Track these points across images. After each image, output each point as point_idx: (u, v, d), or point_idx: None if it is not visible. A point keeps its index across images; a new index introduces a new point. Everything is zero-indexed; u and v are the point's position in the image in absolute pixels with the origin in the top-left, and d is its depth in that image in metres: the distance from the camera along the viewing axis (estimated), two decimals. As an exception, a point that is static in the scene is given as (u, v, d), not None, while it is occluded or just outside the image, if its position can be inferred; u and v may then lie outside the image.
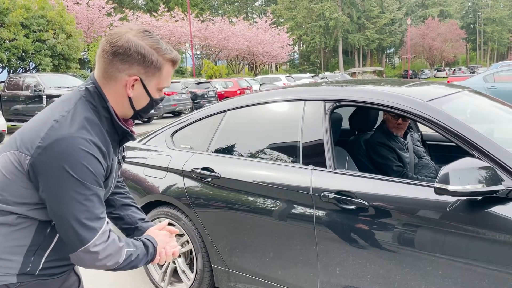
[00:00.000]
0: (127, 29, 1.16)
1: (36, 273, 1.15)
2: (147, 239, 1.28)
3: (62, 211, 1.07)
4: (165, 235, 1.35)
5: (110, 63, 1.14)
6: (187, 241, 2.67)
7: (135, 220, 1.45)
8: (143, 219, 1.48)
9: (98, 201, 1.11)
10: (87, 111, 1.13)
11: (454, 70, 44.47)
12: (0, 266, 1.10)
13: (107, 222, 1.15)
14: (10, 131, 12.82)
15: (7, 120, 12.24)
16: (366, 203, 1.94)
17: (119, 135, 1.23)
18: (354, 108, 2.92)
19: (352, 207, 1.97)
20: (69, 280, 1.28)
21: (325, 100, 2.23)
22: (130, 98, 1.18)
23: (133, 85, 1.17)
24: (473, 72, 32.83)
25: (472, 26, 74.97)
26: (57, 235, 1.17)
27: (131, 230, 1.44)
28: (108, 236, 1.14)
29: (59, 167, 1.04)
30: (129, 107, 1.21)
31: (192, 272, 2.69)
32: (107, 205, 1.42)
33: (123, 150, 1.39)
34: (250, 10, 72.81)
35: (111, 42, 1.13)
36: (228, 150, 2.54)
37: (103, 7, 26.89)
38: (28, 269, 1.13)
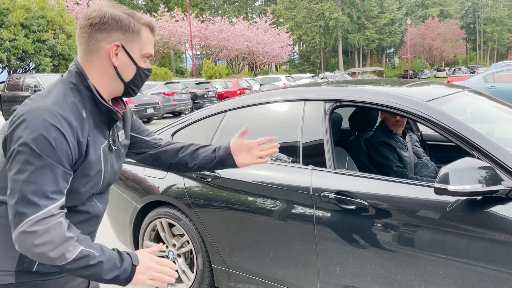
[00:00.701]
0: (100, 5, 1.19)
1: (34, 270, 1.11)
2: (127, 253, 1.13)
3: (13, 180, 1.01)
4: (154, 260, 1.16)
5: (89, 36, 1.14)
6: (187, 241, 2.67)
7: (210, 156, 1.50)
8: (214, 149, 1.52)
9: (51, 177, 1.02)
10: (64, 90, 1.12)
11: (454, 70, 44.47)
12: (2, 256, 1.07)
13: (60, 208, 1.04)
14: (10, 131, 12.81)
15: (7, 120, 12.23)
16: (366, 203, 1.94)
17: (105, 115, 1.19)
18: (354, 108, 2.92)
19: (352, 207, 1.98)
20: (72, 282, 1.21)
21: (325, 100, 2.24)
22: (116, 69, 1.16)
23: (116, 54, 1.16)
24: (473, 72, 32.84)
25: (472, 26, 75.01)
26: None
27: (217, 165, 1.50)
28: (54, 221, 1.01)
29: (18, 137, 1.01)
30: (118, 80, 1.18)
31: (193, 272, 2.69)
32: (187, 168, 1.49)
33: (127, 137, 1.36)
34: (250, 10, 72.85)
35: (86, 17, 1.16)
36: (228, 150, 2.54)
37: (103, 8, 26.89)
38: (25, 264, 1.09)
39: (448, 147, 3.29)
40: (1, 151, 1.09)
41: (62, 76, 1.19)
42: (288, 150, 2.30)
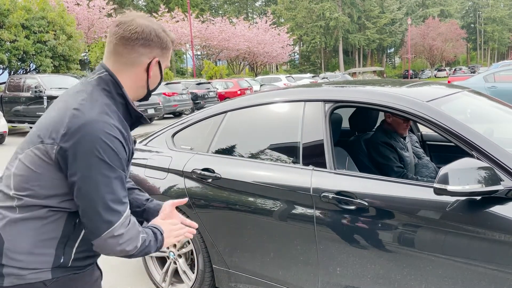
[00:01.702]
0: (135, 15, 1.23)
1: (69, 265, 1.16)
2: (155, 227, 1.28)
3: (90, 193, 1.08)
4: (169, 223, 1.34)
5: (132, 49, 1.20)
6: (188, 242, 2.67)
7: (141, 202, 1.48)
8: (148, 199, 1.51)
9: (121, 184, 1.13)
10: (104, 98, 1.17)
11: (455, 69, 44.40)
12: (34, 261, 1.11)
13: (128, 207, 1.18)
14: (11, 132, 12.85)
15: (8, 121, 12.26)
16: (366, 204, 1.94)
17: (132, 119, 1.27)
18: (354, 109, 2.93)
19: (352, 207, 1.98)
20: (95, 274, 1.30)
21: (325, 101, 2.24)
22: (148, 80, 1.25)
23: (152, 67, 1.25)
24: (474, 72, 32.79)
25: (472, 25, 74.94)
26: (80, 224, 1.18)
27: (139, 212, 1.47)
28: (129, 220, 1.16)
29: (87, 149, 1.07)
30: (144, 88, 1.27)
31: (193, 273, 2.70)
32: None
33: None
34: (251, 11, 72.83)
35: (130, 30, 1.19)
36: (228, 151, 2.55)
37: (103, 8, 26.94)
38: (62, 261, 1.15)
39: (448, 147, 3.29)
40: (43, 158, 1.10)
41: (88, 79, 1.21)
42: (288, 150, 2.31)
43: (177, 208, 2.67)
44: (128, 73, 1.22)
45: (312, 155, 2.20)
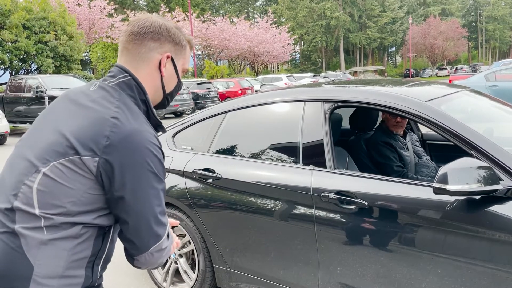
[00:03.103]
0: (148, 14, 1.20)
1: (96, 284, 1.10)
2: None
3: (141, 207, 1.03)
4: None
5: (141, 43, 1.14)
6: (189, 242, 2.68)
7: None
8: None
9: (164, 195, 1.09)
10: (134, 106, 1.10)
11: (456, 68, 44.35)
12: (65, 284, 1.02)
13: None
14: (13, 132, 12.88)
15: (10, 121, 12.28)
16: (366, 203, 1.95)
17: (153, 128, 1.20)
18: (354, 108, 2.93)
19: (352, 207, 1.99)
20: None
21: (325, 101, 2.25)
22: (162, 79, 1.19)
23: (165, 65, 1.18)
24: (475, 71, 32.77)
25: (473, 24, 74.78)
26: (109, 241, 1.11)
27: None
28: (170, 234, 1.13)
29: (135, 161, 1.01)
30: (160, 91, 1.20)
31: (194, 272, 2.71)
32: None
33: None
34: (251, 10, 72.81)
35: (139, 24, 1.15)
36: (229, 151, 2.56)
37: (104, 8, 26.97)
38: (91, 281, 1.08)
39: (449, 147, 3.29)
40: (79, 172, 1.00)
41: (107, 83, 1.12)
42: (289, 150, 2.32)
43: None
44: (143, 72, 1.15)
45: (312, 155, 2.20)
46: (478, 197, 1.72)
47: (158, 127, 1.21)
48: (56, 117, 1.09)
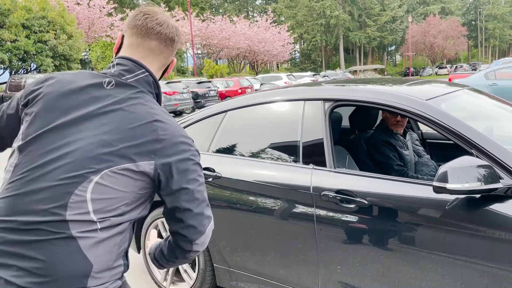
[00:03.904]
0: (159, 11, 1.24)
1: (127, 271, 1.17)
2: None
3: (198, 195, 1.12)
4: None
5: (167, 49, 1.22)
6: (189, 241, 2.68)
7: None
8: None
9: None
10: (156, 102, 1.17)
11: (456, 67, 44.31)
12: (112, 274, 1.07)
13: None
14: (12, 132, 12.85)
15: (9, 121, 12.27)
16: (366, 202, 1.95)
17: None
18: (354, 107, 2.93)
19: (352, 206, 1.99)
20: None
21: (325, 100, 2.25)
22: (160, 77, 1.26)
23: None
24: (475, 69, 32.77)
25: (473, 23, 74.76)
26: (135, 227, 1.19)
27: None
28: None
29: (188, 159, 1.10)
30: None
31: (194, 272, 2.71)
32: None
33: None
34: (251, 9, 72.77)
35: (172, 32, 1.21)
36: (229, 150, 2.56)
37: (103, 7, 26.94)
38: (127, 268, 1.15)
39: (449, 146, 3.29)
40: (136, 177, 1.04)
41: (125, 79, 1.12)
42: (288, 149, 2.31)
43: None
44: (158, 73, 1.23)
45: (312, 154, 2.20)
46: (478, 195, 1.72)
47: None
48: (87, 122, 1.05)
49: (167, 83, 16.51)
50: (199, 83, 18.45)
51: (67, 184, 0.99)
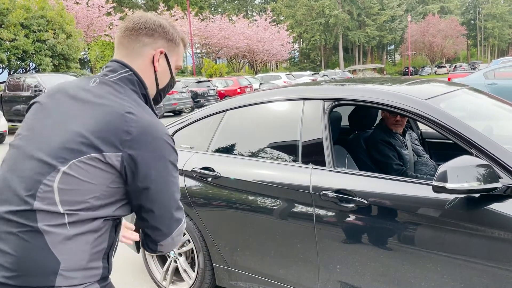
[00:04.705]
0: (144, 13, 1.23)
1: (109, 275, 1.14)
2: None
3: (165, 196, 1.09)
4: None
5: (135, 39, 1.18)
6: (188, 240, 2.68)
7: None
8: None
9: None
10: (139, 100, 1.15)
11: (455, 66, 44.35)
12: (87, 276, 1.05)
13: None
14: (12, 131, 12.85)
15: (8, 120, 12.28)
16: (366, 202, 1.95)
17: None
18: (353, 107, 2.93)
19: (352, 205, 1.99)
20: None
21: (324, 99, 2.25)
22: (155, 74, 1.22)
23: (158, 60, 1.21)
24: (474, 69, 32.77)
25: (472, 22, 74.78)
26: (119, 231, 1.16)
27: None
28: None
29: (157, 153, 1.06)
30: (154, 86, 1.24)
31: (194, 271, 2.71)
32: None
33: None
34: (250, 8, 72.70)
35: (134, 21, 1.19)
36: (228, 150, 2.56)
37: (102, 7, 26.90)
38: (107, 272, 1.12)
39: (448, 145, 3.29)
40: (102, 167, 1.03)
41: (108, 78, 1.14)
42: (288, 149, 2.31)
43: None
44: (136, 66, 1.18)
45: (312, 154, 2.20)
46: (477, 195, 1.72)
47: None
48: (63, 115, 1.08)
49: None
50: (198, 82, 18.44)
51: (38, 173, 1.02)
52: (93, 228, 1.04)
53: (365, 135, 2.89)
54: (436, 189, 1.70)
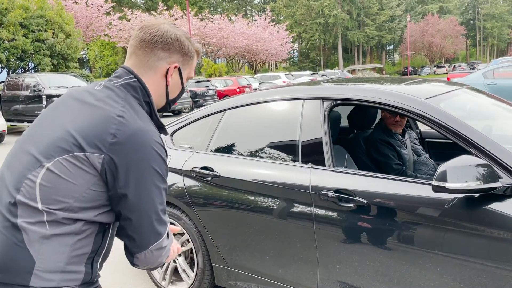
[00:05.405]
0: (160, 21, 1.20)
1: (94, 280, 1.12)
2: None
3: (144, 205, 1.04)
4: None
5: (151, 52, 1.16)
6: (188, 240, 2.68)
7: None
8: None
9: (166, 194, 1.11)
10: (139, 107, 1.12)
11: (454, 66, 44.39)
12: (66, 279, 1.03)
13: None
14: (10, 131, 12.84)
15: (7, 120, 12.27)
16: (365, 201, 1.95)
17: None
18: (353, 106, 2.93)
19: (351, 205, 1.98)
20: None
21: (324, 99, 2.24)
22: (167, 87, 1.21)
23: (171, 74, 1.20)
24: (473, 68, 32.80)
25: (471, 22, 74.85)
26: (109, 238, 1.13)
27: None
28: (169, 233, 1.15)
29: (141, 160, 1.02)
30: (164, 97, 1.23)
31: (193, 271, 2.71)
32: None
33: None
34: (249, 8, 72.70)
35: (151, 33, 1.16)
36: (227, 149, 2.55)
37: (102, 6, 26.86)
38: (90, 277, 1.09)
39: (447, 145, 3.29)
40: (84, 168, 1.01)
41: (112, 83, 1.14)
42: (287, 148, 2.31)
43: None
44: (148, 78, 1.17)
45: (311, 153, 2.20)
46: (477, 195, 1.72)
47: (160, 129, 1.22)
48: (61, 115, 1.10)
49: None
50: (197, 82, 18.43)
51: (26, 168, 1.03)
52: (73, 230, 1.03)
53: (364, 134, 2.89)
54: (436, 189, 1.70)
